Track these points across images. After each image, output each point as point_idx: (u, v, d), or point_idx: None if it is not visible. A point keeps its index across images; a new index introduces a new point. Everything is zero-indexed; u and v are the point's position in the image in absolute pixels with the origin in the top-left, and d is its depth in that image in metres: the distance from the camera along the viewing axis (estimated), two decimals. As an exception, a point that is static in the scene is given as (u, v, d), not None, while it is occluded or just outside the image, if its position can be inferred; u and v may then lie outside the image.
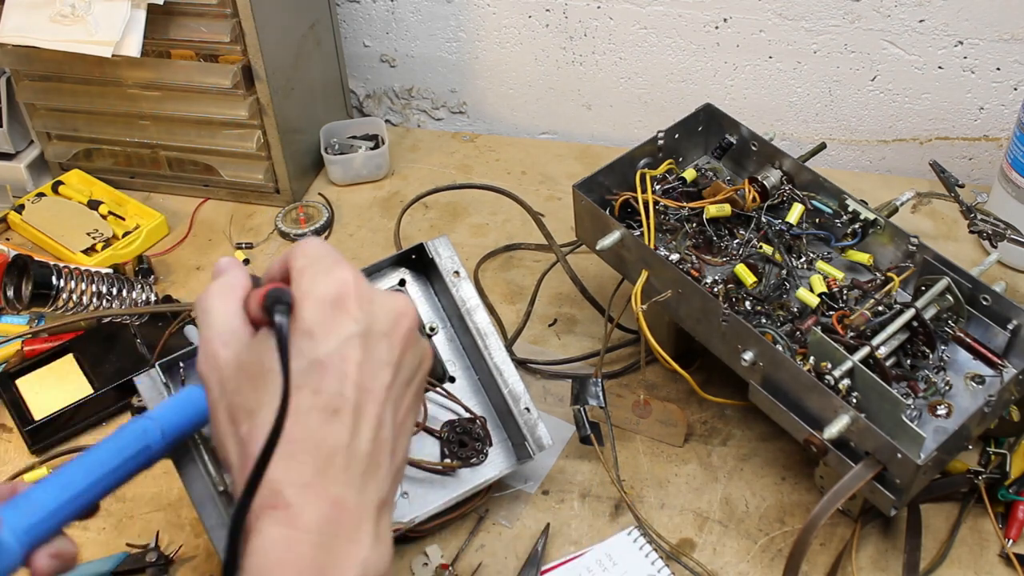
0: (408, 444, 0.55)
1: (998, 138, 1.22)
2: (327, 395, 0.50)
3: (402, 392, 0.54)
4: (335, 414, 0.49)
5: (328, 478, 0.49)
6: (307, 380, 0.50)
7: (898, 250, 0.88)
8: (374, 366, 0.51)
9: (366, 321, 0.51)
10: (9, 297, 0.95)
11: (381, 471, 0.51)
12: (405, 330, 0.53)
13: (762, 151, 0.95)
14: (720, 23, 1.23)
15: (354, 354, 0.50)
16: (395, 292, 0.55)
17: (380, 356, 0.52)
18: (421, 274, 0.91)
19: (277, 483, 0.48)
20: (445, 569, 0.82)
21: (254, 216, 1.24)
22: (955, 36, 1.15)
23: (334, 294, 0.51)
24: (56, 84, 1.21)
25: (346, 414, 0.50)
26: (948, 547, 0.82)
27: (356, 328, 0.51)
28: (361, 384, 0.50)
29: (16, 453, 0.95)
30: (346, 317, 0.51)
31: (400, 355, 0.53)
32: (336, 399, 0.50)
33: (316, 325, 0.51)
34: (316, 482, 0.48)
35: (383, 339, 0.52)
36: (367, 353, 0.51)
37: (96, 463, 0.57)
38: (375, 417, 0.51)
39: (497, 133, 1.43)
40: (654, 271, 0.86)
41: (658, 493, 0.88)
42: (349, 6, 1.36)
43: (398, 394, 0.53)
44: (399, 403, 0.53)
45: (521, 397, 0.85)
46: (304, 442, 0.49)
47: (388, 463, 0.52)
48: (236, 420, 0.51)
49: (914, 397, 0.80)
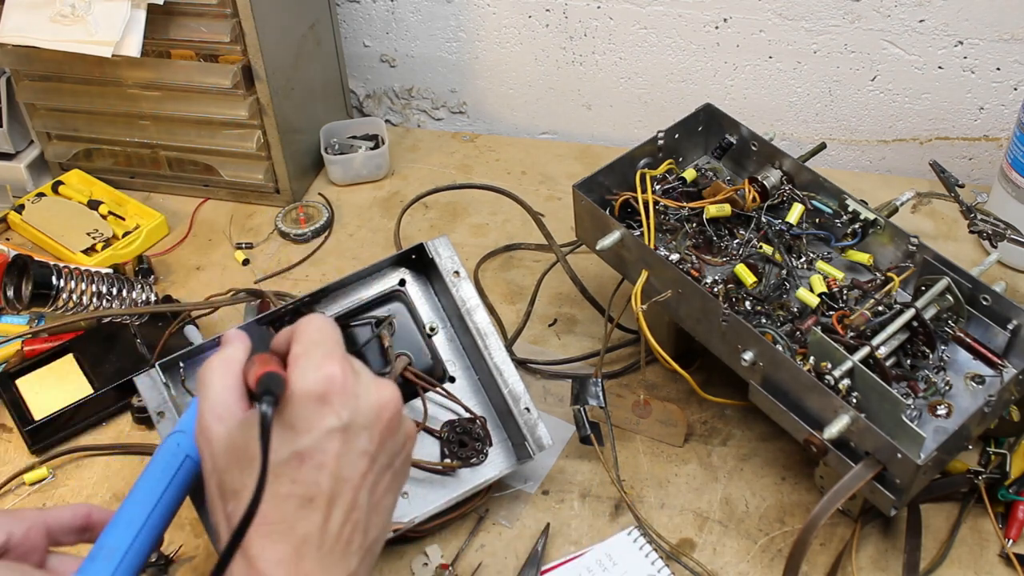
0: (387, 519, 0.59)
1: (998, 138, 1.22)
2: (303, 484, 0.53)
3: (379, 476, 0.57)
4: (310, 502, 0.53)
5: (301, 557, 0.52)
6: (286, 470, 0.53)
7: (898, 250, 0.88)
8: (352, 457, 0.55)
9: (348, 416, 0.54)
10: (9, 297, 0.95)
11: (352, 547, 0.55)
12: (387, 420, 0.57)
13: (762, 151, 0.95)
14: (720, 23, 1.23)
15: (333, 447, 0.54)
16: (381, 381, 0.58)
17: (359, 447, 0.55)
18: (421, 274, 0.91)
19: (255, 559, 0.52)
20: (445, 569, 0.82)
21: (254, 216, 1.24)
22: (955, 36, 1.15)
23: (320, 390, 0.54)
24: (56, 84, 1.21)
25: (320, 501, 0.53)
26: (948, 547, 0.82)
27: (337, 423, 0.54)
28: (338, 474, 0.54)
29: (16, 453, 0.95)
30: (329, 412, 0.54)
31: (379, 445, 0.56)
32: (312, 488, 0.53)
33: (299, 419, 0.54)
34: (290, 560, 0.52)
35: (363, 431, 0.55)
36: (346, 445, 0.54)
37: (148, 492, 0.60)
38: (349, 503, 0.55)
39: (497, 133, 1.43)
40: (654, 271, 0.86)
41: (658, 493, 0.88)
42: (349, 6, 1.36)
43: (375, 479, 0.57)
44: (375, 487, 0.57)
45: (521, 397, 0.85)
46: (280, 524, 0.53)
47: (360, 540, 0.56)
48: (224, 496, 0.55)
49: (914, 397, 0.80)
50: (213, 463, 0.56)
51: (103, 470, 0.93)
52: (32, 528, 0.62)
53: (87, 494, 0.91)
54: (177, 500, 0.61)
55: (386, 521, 0.59)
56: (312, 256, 1.18)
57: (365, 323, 0.88)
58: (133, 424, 0.97)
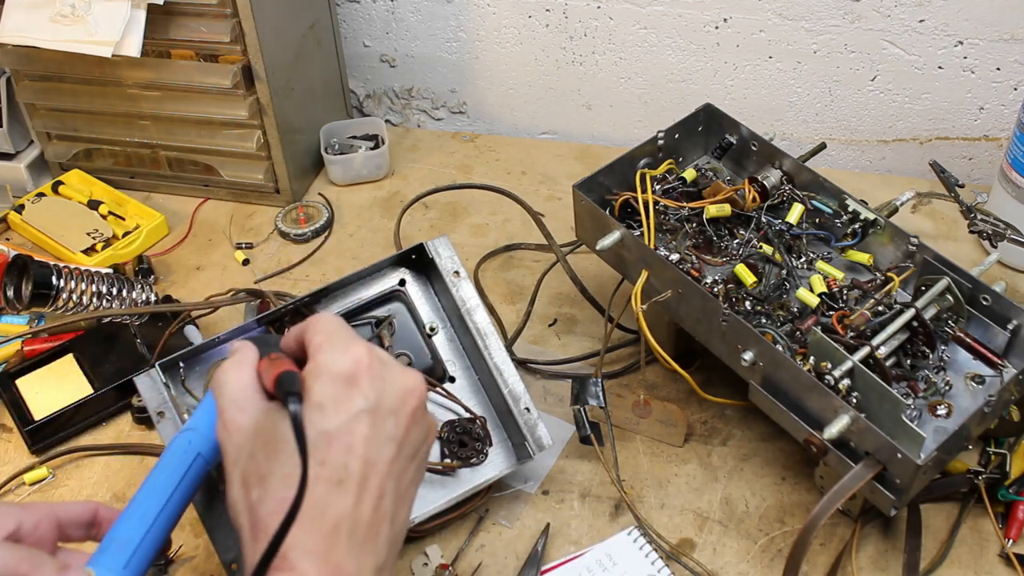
0: (408, 513, 0.59)
1: (998, 138, 1.22)
2: (333, 467, 0.53)
3: (405, 465, 0.57)
4: (339, 484, 0.53)
5: (331, 545, 0.52)
6: (315, 451, 0.53)
7: (898, 250, 0.88)
8: (380, 441, 0.55)
9: (376, 398, 0.55)
10: (9, 297, 0.95)
11: (380, 538, 0.54)
12: (412, 408, 0.57)
13: (762, 151, 0.95)
14: (720, 23, 1.23)
15: (362, 429, 0.54)
16: (407, 368, 0.59)
17: (386, 432, 0.55)
18: (421, 274, 0.91)
19: (285, 547, 0.51)
20: (445, 569, 0.82)
21: (254, 216, 1.24)
22: (955, 36, 1.15)
23: (348, 371, 0.55)
24: (56, 84, 1.21)
25: (350, 485, 0.53)
26: (948, 547, 0.82)
27: (365, 404, 0.54)
28: (366, 457, 0.54)
29: (16, 453, 0.95)
30: (357, 393, 0.54)
31: (406, 431, 0.56)
32: (341, 471, 0.53)
33: (328, 400, 0.54)
34: (320, 548, 0.52)
35: (390, 416, 0.56)
36: (374, 429, 0.54)
37: (160, 487, 0.60)
38: (377, 489, 0.54)
39: (497, 133, 1.43)
40: (654, 271, 0.86)
41: (658, 493, 0.88)
42: (349, 6, 1.36)
43: (401, 467, 0.56)
44: (402, 476, 0.57)
45: (521, 397, 0.85)
46: (310, 510, 0.52)
47: (388, 531, 0.55)
48: (248, 485, 0.55)
49: (914, 397, 0.80)
50: (237, 453, 0.56)
51: (103, 470, 0.93)
52: (43, 519, 0.62)
53: (87, 494, 0.91)
54: (187, 498, 0.62)
55: (408, 515, 0.59)
56: (312, 256, 1.18)
57: (365, 323, 0.88)
58: (133, 424, 0.97)
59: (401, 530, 0.57)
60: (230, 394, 0.58)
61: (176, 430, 0.78)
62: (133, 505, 0.60)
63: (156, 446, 0.94)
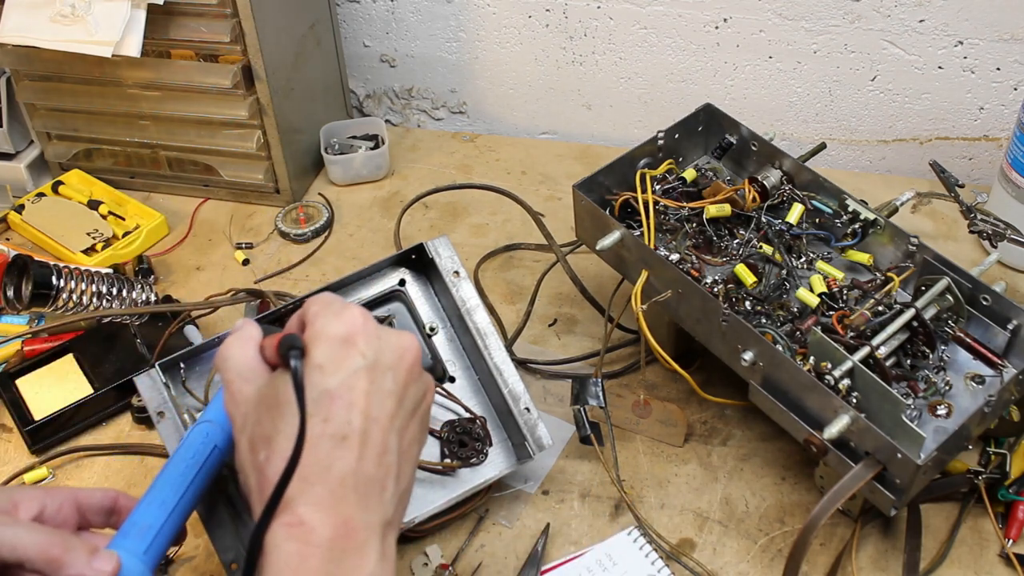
0: (413, 472, 0.60)
1: (998, 138, 1.22)
2: (336, 423, 0.54)
3: (406, 421, 0.58)
4: (343, 440, 0.54)
5: (338, 499, 0.53)
6: (317, 409, 0.54)
7: (898, 250, 0.88)
8: (380, 396, 0.56)
9: (373, 355, 0.56)
10: (9, 297, 0.95)
11: (386, 494, 0.56)
12: (409, 364, 0.58)
13: (762, 151, 0.95)
14: (720, 23, 1.23)
15: (361, 385, 0.55)
16: (401, 330, 0.60)
17: (385, 387, 0.57)
18: (421, 274, 0.91)
19: (292, 502, 0.52)
20: (445, 569, 0.82)
21: (254, 216, 1.24)
22: (955, 36, 1.15)
23: (344, 332, 0.56)
24: (56, 84, 1.21)
25: (353, 440, 0.54)
26: (948, 547, 0.82)
27: (363, 362, 0.56)
28: (367, 412, 0.55)
29: (16, 453, 0.95)
30: (355, 352, 0.56)
31: (404, 386, 0.58)
32: (344, 426, 0.54)
33: (327, 360, 0.56)
34: (327, 502, 0.53)
35: (388, 371, 0.57)
36: (373, 384, 0.56)
37: (179, 476, 0.61)
38: (380, 443, 0.56)
39: (497, 133, 1.43)
40: (654, 271, 0.86)
41: (658, 493, 0.88)
42: (349, 6, 1.36)
43: (402, 423, 0.58)
44: (403, 431, 0.58)
45: (521, 397, 0.85)
46: (315, 466, 0.53)
47: (393, 487, 0.56)
48: (255, 448, 0.56)
49: (914, 397, 0.80)
50: (243, 421, 0.57)
51: (103, 470, 0.93)
52: (65, 503, 0.63)
53: (87, 494, 0.91)
54: (204, 488, 0.62)
55: (412, 474, 0.60)
56: (312, 256, 1.18)
57: (365, 323, 0.88)
58: (133, 424, 0.97)
59: (407, 489, 0.58)
60: (235, 367, 0.59)
61: (176, 430, 0.78)
62: (152, 492, 0.61)
63: (156, 446, 0.94)
